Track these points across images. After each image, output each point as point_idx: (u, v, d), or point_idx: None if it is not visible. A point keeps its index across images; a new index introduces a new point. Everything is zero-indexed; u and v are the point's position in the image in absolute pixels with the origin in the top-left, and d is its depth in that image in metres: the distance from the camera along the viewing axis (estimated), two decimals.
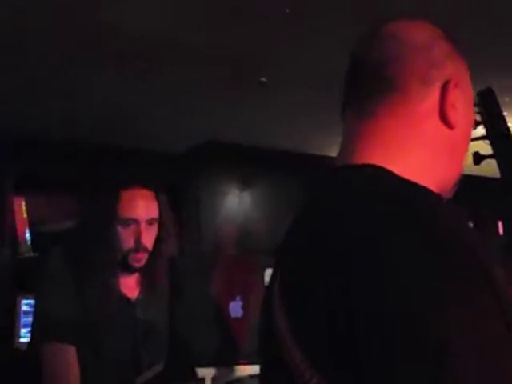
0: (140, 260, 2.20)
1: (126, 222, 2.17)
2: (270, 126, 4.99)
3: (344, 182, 0.91)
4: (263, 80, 3.94)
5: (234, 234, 5.55)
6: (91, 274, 2.14)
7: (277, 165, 5.67)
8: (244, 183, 5.64)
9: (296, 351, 0.79)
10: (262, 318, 0.96)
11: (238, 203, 5.62)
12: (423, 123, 0.95)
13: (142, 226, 2.18)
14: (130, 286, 2.26)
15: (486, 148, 1.34)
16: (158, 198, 2.26)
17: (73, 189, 4.47)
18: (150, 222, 2.21)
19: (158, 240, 2.25)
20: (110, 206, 2.17)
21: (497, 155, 1.32)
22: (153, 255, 2.23)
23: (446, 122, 0.96)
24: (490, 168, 1.34)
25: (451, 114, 0.96)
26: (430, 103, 0.95)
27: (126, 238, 2.17)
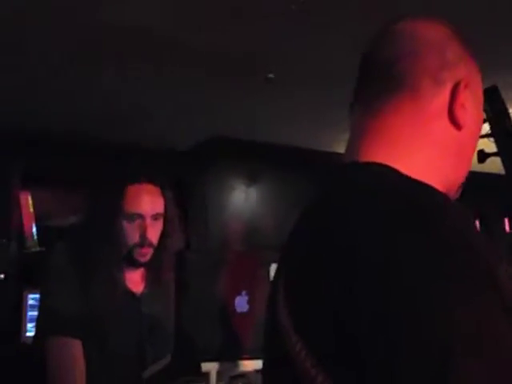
0: (145, 255, 2.21)
1: (132, 217, 2.17)
2: (276, 122, 4.99)
3: (350, 180, 0.91)
4: (271, 76, 3.94)
5: (241, 230, 5.55)
6: (96, 269, 2.14)
7: (283, 161, 5.67)
8: (251, 179, 5.64)
9: (301, 349, 0.79)
10: (267, 315, 0.96)
11: (244, 199, 5.62)
12: (432, 122, 0.95)
13: (148, 221, 2.18)
14: (135, 280, 2.26)
15: (490, 146, 1.33)
16: (163, 193, 2.26)
17: (79, 183, 4.48)
18: (155, 217, 2.21)
19: (164, 235, 2.25)
20: (115, 200, 2.18)
21: (501, 153, 1.31)
22: (158, 250, 2.24)
23: (455, 122, 0.95)
24: (495, 165, 1.34)
25: (460, 115, 0.95)
26: (439, 103, 0.95)
27: (132, 233, 2.18)
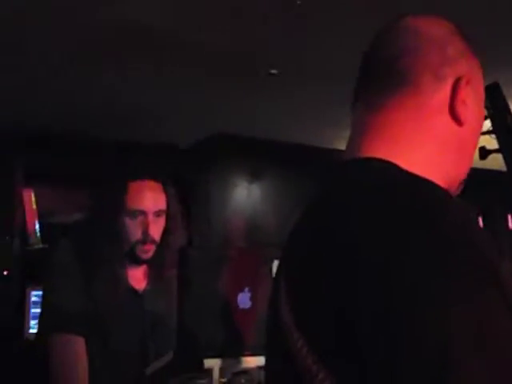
0: (147, 252, 2.21)
1: (134, 214, 2.17)
2: (278, 119, 4.98)
3: (350, 177, 0.91)
4: (273, 72, 3.93)
5: (243, 227, 5.55)
6: (99, 266, 2.14)
7: (286, 158, 5.66)
8: (253, 176, 5.64)
9: (302, 346, 0.79)
10: (269, 312, 0.96)
11: (246, 196, 5.62)
12: (433, 118, 0.95)
13: (150, 218, 2.18)
14: (137, 277, 2.26)
15: (492, 142, 1.33)
16: (165, 190, 2.25)
17: (82, 181, 4.48)
18: (157, 214, 2.21)
19: (166, 232, 2.25)
20: (117, 197, 2.17)
21: (503, 149, 1.31)
22: (160, 247, 2.24)
23: (456, 118, 0.95)
24: (497, 162, 1.33)
25: (461, 111, 0.95)
26: (440, 98, 0.95)
27: (134, 230, 2.18)
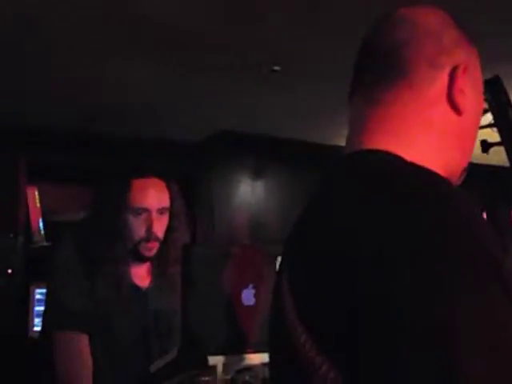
0: (151, 249, 2.21)
1: (137, 211, 2.18)
2: (282, 116, 4.98)
3: (353, 169, 0.90)
4: (276, 69, 3.92)
5: (247, 224, 5.55)
6: (102, 264, 2.14)
7: (289, 155, 5.66)
8: (257, 173, 5.64)
9: (306, 339, 0.79)
10: (272, 307, 0.96)
11: (250, 193, 5.62)
12: (431, 108, 0.94)
13: (153, 215, 2.18)
14: (140, 275, 2.26)
15: (493, 136, 1.33)
16: (169, 188, 2.26)
17: (85, 178, 4.49)
18: (161, 211, 2.21)
19: (169, 229, 2.25)
20: (121, 195, 2.18)
21: (505, 142, 1.31)
22: (164, 244, 2.24)
23: (455, 107, 0.95)
24: (501, 157, 1.33)
25: (459, 100, 0.95)
26: (438, 88, 0.95)
27: (138, 228, 2.18)
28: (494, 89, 1.34)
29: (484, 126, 1.29)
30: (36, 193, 5.00)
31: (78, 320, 2.09)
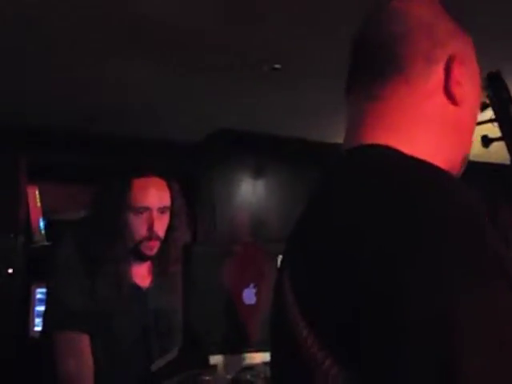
0: (152, 248, 2.20)
1: (139, 210, 2.17)
2: (283, 114, 4.97)
3: (354, 163, 0.90)
4: (277, 67, 3.92)
5: (248, 223, 5.54)
6: (103, 263, 2.14)
7: (290, 153, 5.65)
8: (257, 172, 5.63)
9: (308, 334, 0.79)
10: (273, 305, 0.96)
11: (251, 192, 5.61)
12: (428, 102, 0.94)
13: (154, 214, 2.18)
14: (141, 274, 2.26)
15: (494, 131, 1.32)
16: (169, 187, 2.25)
17: (86, 177, 4.48)
18: (162, 210, 2.21)
19: (170, 228, 2.25)
20: (122, 194, 2.17)
21: (506, 138, 1.30)
22: (165, 243, 2.24)
23: (452, 98, 0.95)
24: (504, 156, 1.32)
25: (456, 91, 0.95)
26: (434, 81, 0.95)
27: (139, 227, 2.18)
28: (495, 84, 1.33)
29: (485, 122, 1.28)
30: (36, 192, 4.99)
31: (78, 320, 2.09)
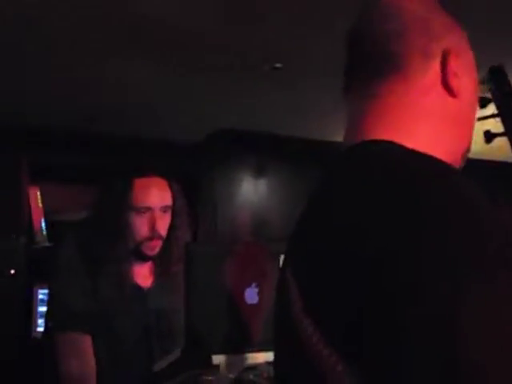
0: (154, 248, 2.20)
1: (140, 210, 2.17)
2: (284, 113, 4.96)
3: (354, 161, 0.90)
4: (278, 66, 3.91)
5: (250, 222, 5.54)
6: (104, 264, 2.14)
7: (291, 152, 5.65)
8: (259, 171, 5.63)
9: (313, 332, 0.78)
10: (276, 304, 0.96)
11: (253, 191, 5.61)
12: (427, 96, 0.94)
13: (156, 214, 2.18)
14: (143, 274, 2.25)
15: (497, 126, 1.32)
16: (171, 186, 2.25)
17: (87, 178, 4.48)
18: (163, 210, 2.21)
19: (172, 227, 2.25)
20: (123, 194, 2.17)
21: (508, 133, 1.29)
22: (167, 243, 2.23)
23: (450, 90, 0.95)
24: (503, 152, 1.31)
25: (454, 82, 0.95)
26: (432, 76, 0.95)
27: (141, 226, 2.17)
28: (497, 77, 1.32)
29: (487, 117, 1.28)
30: (38, 193, 4.99)
31: (80, 321, 2.09)
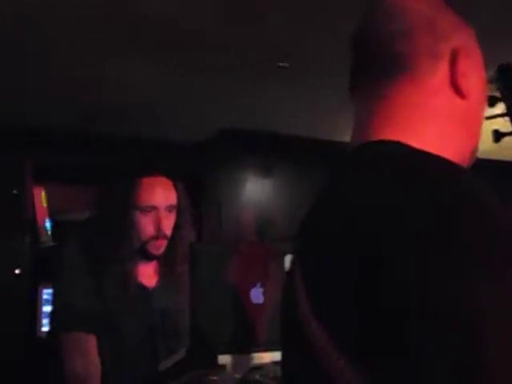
0: (159, 247, 2.20)
1: (146, 209, 2.17)
2: (289, 112, 4.96)
3: (363, 160, 0.89)
4: (284, 65, 3.91)
5: (254, 222, 5.54)
6: (109, 263, 2.13)
7: (296, 152, 5.65)
8: (264, 171, 5.62)
9: (321, 334, 0.78)
10: (283, 305, 0.95)
11: (258, 191, 5.61)
12: (435, 97, 0.94)
13: (162, 213, 2.18)
14: (148, 274, 2.25)
15: (505, 125, 1.30)
16: (175, 186, 2.25)
17: (92, 178, 4.48)
18: (168, 209, 2.21)
19: (177, 227, 2.25)
20: (128, 194, 2.17)
21: None
22: (172, 242, 2.23)
23: (459, 91, 0.95)
24: (510, 152, 1.30)
25: (463, 83, 0.94)
26: (440, 76, 0.94)
27: (146, 226, 2.17)
28: (506, 76, 1.31)
29: (496, 116, 1.27)
30: (43, 193, 5.00)
31: (85, 321, 2.09)
